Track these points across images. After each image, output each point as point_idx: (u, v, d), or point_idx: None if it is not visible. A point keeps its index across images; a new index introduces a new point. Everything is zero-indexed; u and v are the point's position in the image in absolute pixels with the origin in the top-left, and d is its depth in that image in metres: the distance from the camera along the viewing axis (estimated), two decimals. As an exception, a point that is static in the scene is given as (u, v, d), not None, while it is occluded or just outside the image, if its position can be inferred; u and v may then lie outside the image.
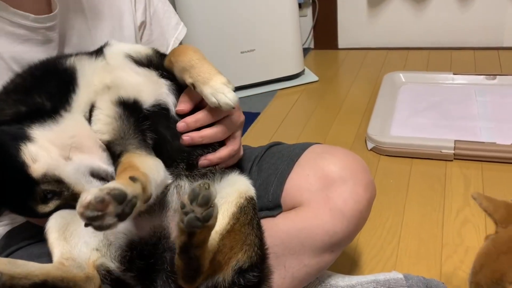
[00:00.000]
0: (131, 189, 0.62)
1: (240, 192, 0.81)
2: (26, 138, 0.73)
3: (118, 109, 0.79)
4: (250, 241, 0.81)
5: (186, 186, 0.81)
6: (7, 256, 0.84)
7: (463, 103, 2.00)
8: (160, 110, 0.82)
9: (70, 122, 0.77)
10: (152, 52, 0.88)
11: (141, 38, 1.07)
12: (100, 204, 0.59)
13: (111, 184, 0.62)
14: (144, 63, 0.86)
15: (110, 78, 0.82)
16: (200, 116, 0.82)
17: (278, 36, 2.38)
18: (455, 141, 1.68)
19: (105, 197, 0.59)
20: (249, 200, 0.83)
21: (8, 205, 0.77)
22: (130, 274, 0.76)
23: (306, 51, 2.83)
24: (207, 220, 0.66)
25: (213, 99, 0.77)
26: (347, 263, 1.28)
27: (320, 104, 2.26)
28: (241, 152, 0.93)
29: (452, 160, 1.68)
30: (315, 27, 2.86)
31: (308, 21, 2.85)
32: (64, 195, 0.74)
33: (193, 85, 0.80)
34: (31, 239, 0.87)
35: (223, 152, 0.85)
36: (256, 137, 2.02)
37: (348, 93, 2.33)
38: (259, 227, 0.85)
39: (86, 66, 0.83)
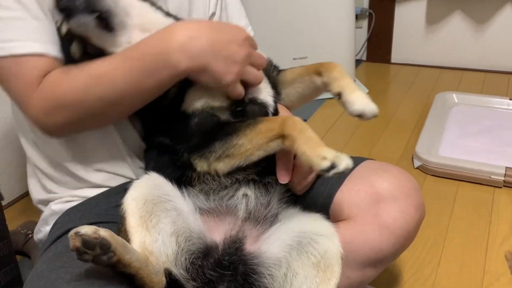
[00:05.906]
0: None
1: (341, 253, 0.85)
2: None
3: None
4: None
5: (252, 197, 0.84)
6: (64, 233, 0.87)
7: (517, 130, 1.96)
8: (261, 107, 0.90)
9: None
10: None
11: None
12: None
13: None
14: None
15: None
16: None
17: (331, 46, 2.39)
18: (506, 168, 1.65)
19: None
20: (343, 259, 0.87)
21: None
22: (193, 283, 0.78)
23: (358, 62, 2.83)
24: None
25: (360, 107, 0.84)
26: (385, 277, 1.28)
27: (368, 117, 2.25)
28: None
29: (501, 187, 1.65)
30: (369, 40, 2.86)
31: (363, 33, 2.85)
32: None
33: (339, 93, 0.87)
34: (85, 219, 0.89)
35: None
36: (302, 144, 2.03)
37: (398, 109, 2.31)
38: None
39: None
